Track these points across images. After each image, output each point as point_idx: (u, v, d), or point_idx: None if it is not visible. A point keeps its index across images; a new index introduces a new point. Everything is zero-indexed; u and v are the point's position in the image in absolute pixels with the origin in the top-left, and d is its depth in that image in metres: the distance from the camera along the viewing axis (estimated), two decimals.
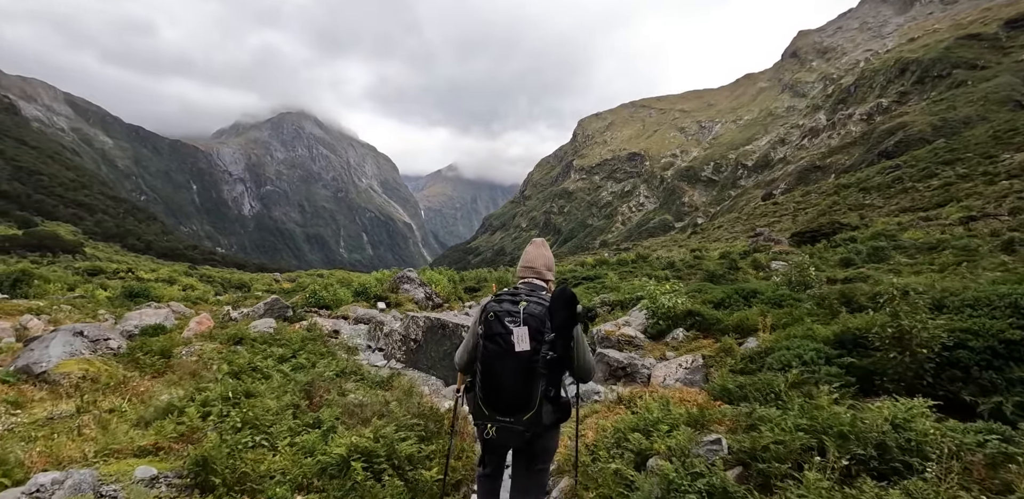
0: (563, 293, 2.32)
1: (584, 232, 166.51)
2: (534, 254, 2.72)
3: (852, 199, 39.20)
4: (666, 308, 7.55)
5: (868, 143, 79.21)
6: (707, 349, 6.36)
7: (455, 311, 14.67)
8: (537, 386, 2.24)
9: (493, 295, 2.50)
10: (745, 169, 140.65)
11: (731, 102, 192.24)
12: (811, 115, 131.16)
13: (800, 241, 19.61)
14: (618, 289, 12.28)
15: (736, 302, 8.27)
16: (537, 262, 2.67)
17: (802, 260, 9.97)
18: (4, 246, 58.09)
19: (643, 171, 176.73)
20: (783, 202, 55.20)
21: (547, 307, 2.33)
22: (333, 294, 12.43)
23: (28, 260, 49.86)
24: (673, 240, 59.95)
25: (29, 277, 13.13)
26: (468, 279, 22.35)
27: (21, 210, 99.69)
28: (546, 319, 2.28)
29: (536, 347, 2.22)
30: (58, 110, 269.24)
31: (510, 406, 2.26)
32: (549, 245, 2.95)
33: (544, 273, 2.66)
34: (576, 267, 22.48)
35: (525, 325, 2.24)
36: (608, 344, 7.26)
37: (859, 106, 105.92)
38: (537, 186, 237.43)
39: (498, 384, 2.26)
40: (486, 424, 2.33)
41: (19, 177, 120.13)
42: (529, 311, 2.29)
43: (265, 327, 7.88)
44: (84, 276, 23.62)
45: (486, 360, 2.29)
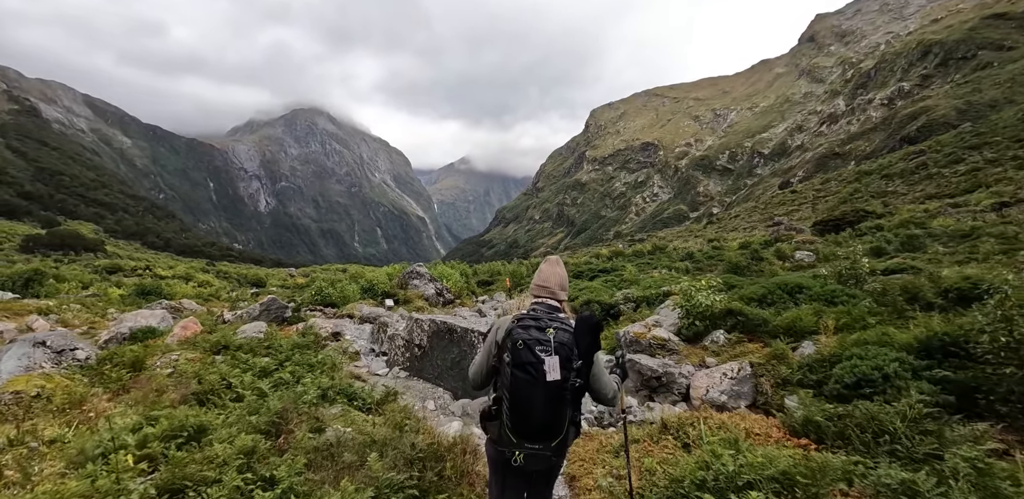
0: (589, 320, 2.36)
1: (598, 223, 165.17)
2: (548, 273, 2.65)
3: (874, 186, 37.90)
4: (703, 307, 6.61)
5: (889, 129, 76.94)
6: (754, 355, 5.58)
7: (467, 308, 14.28)
8: (566, 413, 2.28)
9: (514, 319, 2.42)
10: (761, 157, 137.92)
11: (746, 89, 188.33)
12: (829, 101, 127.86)
13: (823, 230, 18.82)
14: (638, 282, 11.75)
15: (780, 299, 7.32)
16: (552, 281, 2.61)
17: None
18: (28, 245, 59.41)
19: (657, 161, 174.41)
20: (801, 190, 53.77)
21: (572, 333, 2.32)
22: (340, 291, 11.90)
23: (51, 259, 50.85)
24: (689, 231, 58.91)
25: (42, 276, 13.08)
26: (481, 272, 22.03)
27: (44, 210, 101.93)
28: (574, 347, 2.28)
29: (566, 376, 2.22)
30: (78, 111, 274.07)
31: (541, 434, 2.26)
32: (561, 236, 2.56)
33: (559, 293, 2.61)
34: (591, 259, 21.92)
35: (556, 354, 2.23)
36: (638, 348, 6.37)
37: (879, 91, 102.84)
38: (550, 178, 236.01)
39: (528, 413, 2.24)
40: (513, 451, 2.31)
41: (41, 178, 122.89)
42: (559, 340, 2.27)
43: (255, 332, 7.21)
44: (103, 274, 23.80)
45: (516, 389, 2.25)
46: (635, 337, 6.38)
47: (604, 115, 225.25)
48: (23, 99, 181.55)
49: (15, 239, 62.35)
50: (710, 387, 5.02)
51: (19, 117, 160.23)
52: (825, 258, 12.30)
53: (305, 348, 6.62)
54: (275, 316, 9.18)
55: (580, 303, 9.68)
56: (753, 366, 5.19)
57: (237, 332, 7.20)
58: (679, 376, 5.42)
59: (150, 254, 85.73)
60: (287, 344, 6.58)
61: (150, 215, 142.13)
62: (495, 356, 2.43)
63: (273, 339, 6.88)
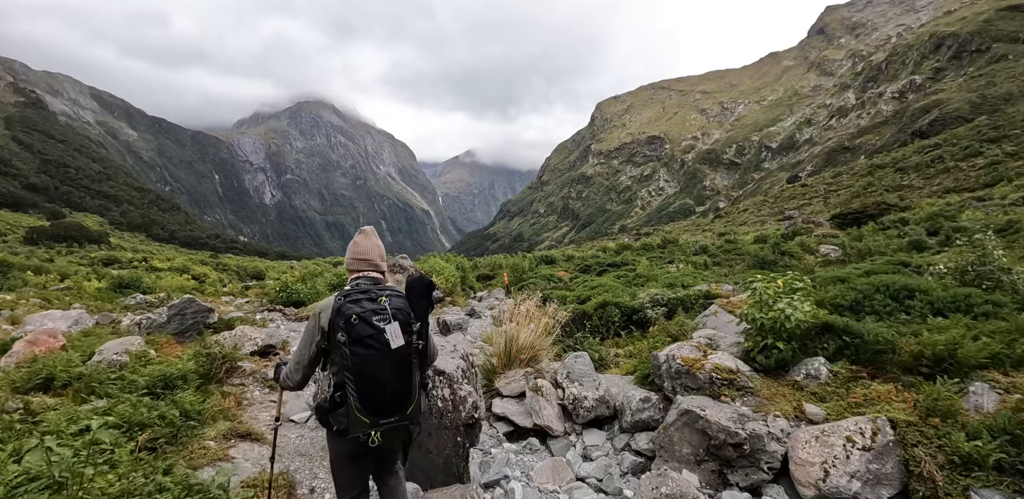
0: (421, 280, 2.40)
1: (603, 217, 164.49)
2: (367, 245, 2.53)
3: (888, 180, 37.32)
4: (789, 321, 4.23)
5: (901, 122, 75.88)
6: (889, 404, 3.47)
7: (458, 307, 12.89)
8: (415, 378, 2.27)
9: (338, 296, 2.28)
10: (769, 151, 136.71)
11: (754, 82, 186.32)
12: (839, 94, 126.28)
13: (842, 223, 18.36)
14: (656, 278, 10.65)
15: (883, 307, 5.05)
16: (372, 253, 2.52)
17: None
18: (32, 237, 59.66)
19: (663, 155, 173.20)
20: (812, 184, 53.10)
21: (405, 298, 2.33)
22: (311, 287, 10.72)
23: (55, 251, 50.96)
24: (696, 225, 58.43)
25: (8, 268, 12.63)
26: (482, 266, 21.53)
27: (50, 202, 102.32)
28: (410, 311, 2.29)
29: (408, 339, 2.21)
30: (84, 104, 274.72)
31: (395, 405, 2.21)
32: (566, 230, 2.32)
33: (380, 264, 2.54)
34: (598, 253, 21.46)
35: (395, 320, 2.20)
36: (692, 384, 4.05)
37: (891, 84, 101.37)
38: (555, 171, 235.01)
39: (381, 387, 2.16)
40: (368, 433, 2.19)
41: (47, 170, 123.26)
42: (395, 306, 2.24)
43: (116, 353, 4.99)
44: (98, 266, 23.57)
45: (360, 365, 2.13)
46: (686, 366, 4.08)
47: (610, 108, 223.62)
48: (29, 91, 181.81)
49: (20, 231, 62.58)
50: (827, 463, 3.11)
51: (25, 109, 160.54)
52: (859, 253, 11.48)
53: (166, 391, 4.18)
54: (191, 324, 6.78)
55: (594, 305, 7.83)
56: (896, 426, 3.23)
57: (99, 350, 5.08)
58: (769, 439, 3.38)
59: (155, 246, 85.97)
60: (143, 381, 4.14)
61: (155, 207, 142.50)
62: (321, 342, 2.29)
63: (138, 367, 4.57)
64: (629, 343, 6.58)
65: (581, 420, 4.28)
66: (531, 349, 5.09)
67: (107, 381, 4.20)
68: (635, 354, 5.74)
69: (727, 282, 9.31)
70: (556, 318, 5.75)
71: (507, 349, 5.06)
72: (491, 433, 4.35)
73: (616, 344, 6.82)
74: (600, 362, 5.69)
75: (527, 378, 4.71)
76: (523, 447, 4.15)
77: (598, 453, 3.94)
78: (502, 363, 5.06)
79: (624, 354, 6.06)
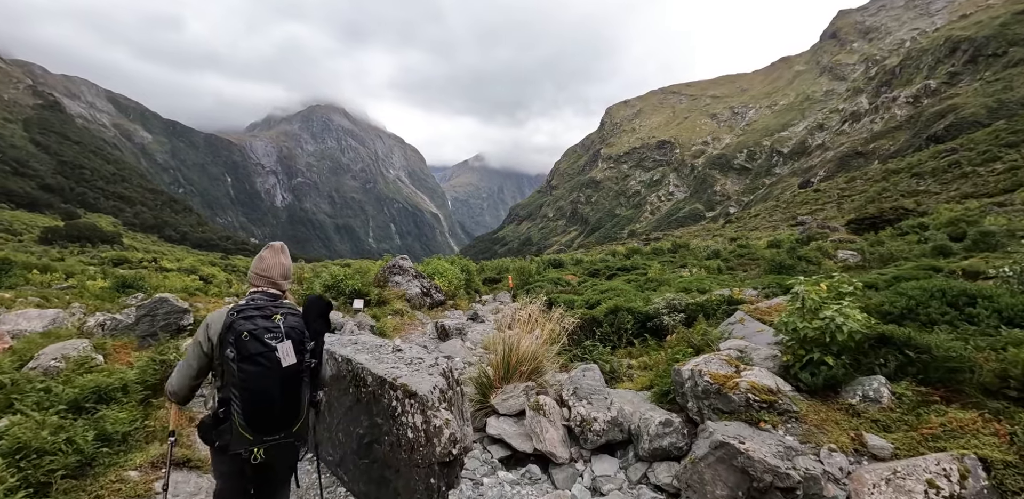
0: (319, 302, 2.41)
1: (612, 222, 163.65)
2: (271, 262, 2.49)
3: (904, 185, 36.61)
4: (842, 331, 3.43)
5: (915, 127, 74.92)
6: (976, 436, 2.79)
7: (460, 310, 12.29)
8: (304, 396, 2.26)
9: (232, 311, 2.23)
10: (780, 156, 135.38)
11: (766, 87, 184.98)
12: (852, 99, 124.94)
13: (858, 228, 17.87)
14: (669, 283, 10.17)
15: (942, 315, 4.36)
16: (274, 271, 2.47)
17: None
18: (47, 237, 60.42)
19: (673, 159, 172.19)
20: (825, 189, 52.32)
21: (301, 317, 2.32)
22: (306, 289, 10.39)
23: (68, 250, 51.45)
24: (706, 230, 57.75)
25: (9, 266, 12.53)
26: (488, 269, 21.17)
27: (65, 202, 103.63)
28: (305, 330, 2.27)
29: (300, 358, 2.20)
30: (100, 107, 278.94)
31: (281, 422, 2.18)
32: (575, 234, 2.03)
33: (281, 283, 2.49)
34: (607, 257, 21.05)
35: (288, 339, 2.17)
36: (723, 406, 3.35)
37: (905, 88, 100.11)
38: (564, 175, 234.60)
39: (268, 404, 2.13)
40: (251, 450, 2.15)
41: (63, 171, 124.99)
42: (290, 324, 2.22)
43: (55, 359, 4.40)
44: (109, 265, 23.56)
45: (247, 382, 2.09)
46: (716, 384, 3.37)
47: (620, 113, 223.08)
48: (47, 94, 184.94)
49: (35, 230, 63.34)
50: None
51: (43, 111, 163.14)
52: (881, 259, 10.95)
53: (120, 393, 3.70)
54: (163, 325, 6.26)
55: (605, 311, 7.20)
56: (989, 467, 2.55)
57: (38, 355, 4.52)
58: (826, 481, 2.68)
59: (167, 247, 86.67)
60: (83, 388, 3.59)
61: (168, 209, 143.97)
62: (208, 356, 2.25)
63: (74, 375, 3.95)
64: (644, 353, 6.04)
65: (590, 445, 3.64)
66: (533, 359, 4.48)
67: (31, 392, 3.59)
68: (651, 366, 5.22)
69: (746, 286, 8.83)
70: (563, 324, 5.13)
71: (506, 359, 4.44)
72: (484, 458, 3.76)
73: (629, 354, 6.26)
74: (611, 375, 5.13)
75: (527, 394, 4.10)
76: (521, 476, 3.56)
77: (610, 486, 3.34)
78: (500, 375, 4.46)
79: (638, 366, 5.51)
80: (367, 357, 3.62)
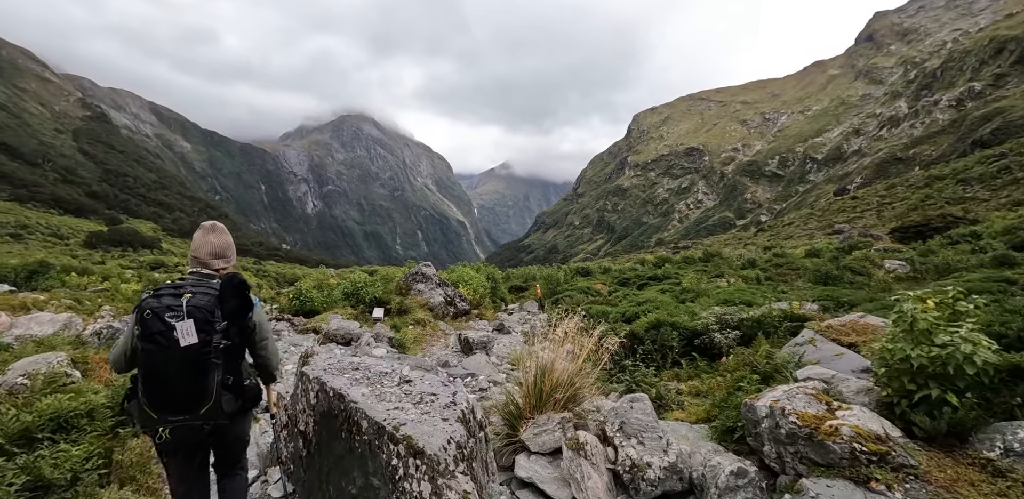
0: (232, 279, 2.30)
1: (639, 230, 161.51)
2: (200, 242, 2.45)
3: (949, 192, 34.80)
4: (969, 361, 2.67)
5: (959, 131, 71.72)
6: None
7: (486, 321, 11.68)
8: (212, 377, 2.16)
9: (148, 289, 2.35)
10: (814, 163, 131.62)
11: (798, 92, 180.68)
12: (890, 103, 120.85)
13: (903, 237, 16.81)
14: (707, 293, 9.48)
15: None
16: (202, 251, 2.43)
17: None
18: (91, 241, 62.97)
19: (702, 166, 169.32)
20: (863, 197, 50.30)
21: (216, 296, 2.23)
22: (326, 295, 9.91)
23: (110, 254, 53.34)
24: (737, 238, 56.19)
25: (47, 269, 12.86)
26: (515, 277, 20.79)
27: (109, 208, 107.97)
28: (215, 309, 2.20)
29: (206, 339, 2.13)
30: (144, 118, 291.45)
31: (183, 403, 2.13)
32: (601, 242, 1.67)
33: (211, 262, 2.43)
34: (636, 265, 20.38)
35: (191, 318, 2.12)
36: (818, 456, 2.62)
37: (947, 91, 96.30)
38: (591, 183, 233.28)
39: (164, 384, 2.09)
40: (157, 428, 2.14)
41: (108, 179, 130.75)
42: (193, 303, 2.16)
43: (22, 375, 3.87)
44: (146, 269, 24.18)
45: (145, 361, 2.10)
46: (806, 428, 2.68)
47: (647, 120, 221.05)
48: (95, 106, 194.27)
49: (80, 235, 66.02)
50: None
51: (91, 123, 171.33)
52: (936, 270, 10.04)
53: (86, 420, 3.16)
54: None
55: (645, 326, 6.42)
56: None
57: (7, 370, 4.01)
58: None
59: None
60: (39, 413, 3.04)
61: (205, 215, 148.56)
62: (136, 337, 2.20)
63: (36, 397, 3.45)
64: (693, 375, 5.36)
65: (642, 497, 2.92)
66: (570, 385, 3.85)
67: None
68: (704, 392, 4.58)
69: (792, 298, 8.12)
70: (604, 343, 4.32)
71: (537, 384, 3.80)
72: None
73: (676, 377, 5.56)
74: (658, 401, 4.49)
75: (564, 427, 3.44)
76: None
77: None
78: (530, 403, 3.80)
79: (688, 391, 4.88)
80: (365, 392, 2.88)
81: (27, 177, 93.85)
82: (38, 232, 62.95)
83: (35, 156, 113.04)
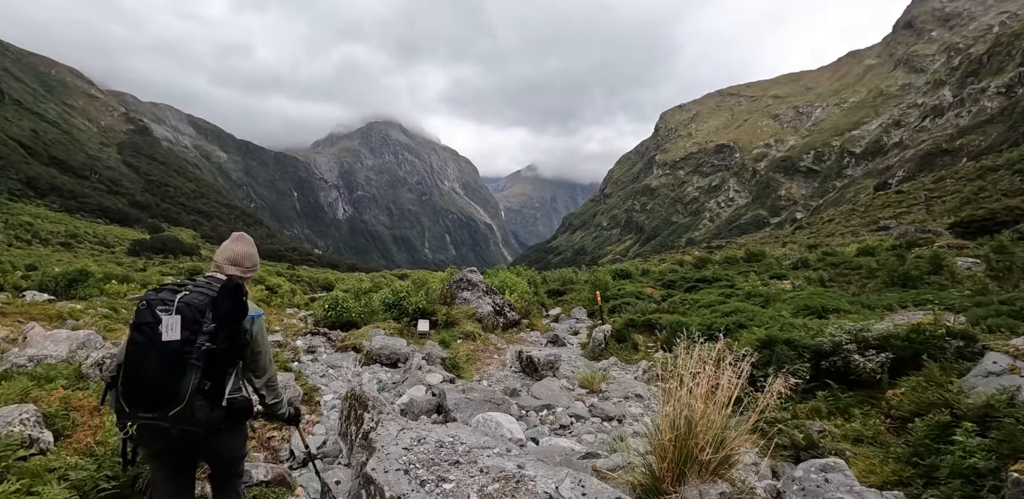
0: (228, 282, 2.26)
1: (668, 230, 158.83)
2: (223, 248, 2.51)
3: (1005, 183, 32.92)
4: None
5: (1010, 120, 68.16)
6: None
7: (538, 332, 10.73)
8: (187, 379, 2.05)
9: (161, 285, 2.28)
10: (852, 157, 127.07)
11: (833, 84, 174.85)
12: (932, 92, 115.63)
13: (965, 232, 15.81)
14: (777, 298, 8.49)
15: None
16: (221, 256, 2.47)
17: None
18: (135, 249, 65.65)
19: (732, 164, 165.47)
20: (909, 190, 48.15)
21: (212, 297, 2.17)
22: (364, 305, 8.79)
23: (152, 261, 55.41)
24: (773, 236, 54.57)
25: (87, 277, 13.01)
26: (551, 280, 20.41)
27: (151, 217, 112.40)
28: (207, 309, 2.13)
29: (190, 338, 2.05)
30: (183, 130, 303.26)
31: (152, 400, 2.06)
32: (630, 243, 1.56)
33: (224, 267, 2.45)
34: (675, 266, 19.79)
35: (178, 314, 2.07)
36: None
37: (995, 78, 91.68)
38: (618, 183, 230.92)
39: (137, 376, 2.06)
40: (125, 423, 2.09)
41: (150, 189, 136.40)
42: (186, 300, 2.11)
43: None
44: (185, 275, 24.94)
45: (129, 351, 2.09)
46: None
47: (675, 117, 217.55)
48: (137, 120, 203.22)
49: (125, 243, 68.88)
50: None
51: (134, 136, 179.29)
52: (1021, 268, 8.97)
53: None
54: None
55: (755, 342, 5.38)
56: None
57: None
58: None
59: None
60: None
61: (241, 222, 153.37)
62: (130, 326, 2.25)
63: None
64: (835, 410, 4.34)
65: None
66: (717, 444, 2.65)
67: None
68: (868, 438, 3.67)
69: (887, 301, 7.23)
70: (740, 374, 2.93)
71: (679, 443, 2.67)
72: None
73: (816, 412, 4.43)
74: (810, 451, 3.58)
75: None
76: None
77: None
78: (671, 470, 2.68)
79: (842, 435, 3.89)
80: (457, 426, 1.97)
81: (76, 189, 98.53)
82: (86, 241, 65.99)
83: (83, 169, 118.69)
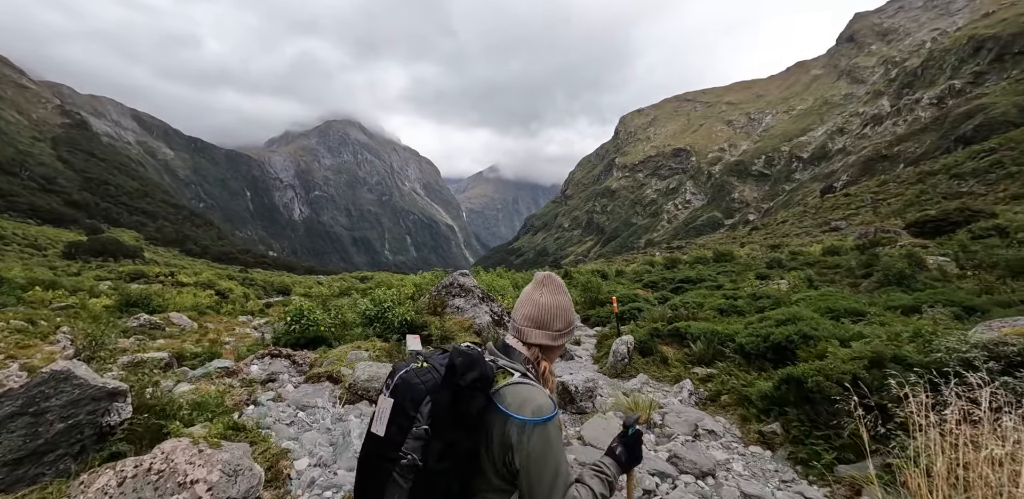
0: (459, 356, 1.28)
1: (628, 231, 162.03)
2: (523, 299, 1.50)
3: (944, 187, 34.96)
4: None
5: (942, 128, 72.71)
6: None
7: None
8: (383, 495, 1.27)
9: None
10: (800, 161, 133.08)
11: (782, 92, 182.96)
12: (872, 102, 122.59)
13: (921, 232, 16.49)
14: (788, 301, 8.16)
15: None
16: (519, 312, 1.49)
17: None
18: (70, 252, 61.08)
19: (689, 167, 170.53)
20: (856, 194, 50.58)
21: (438, 379, 1.33)
22: (334, 317, 7.03)
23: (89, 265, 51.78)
24: (730, 237, 56.19)
25: (1, 282, 11.64)
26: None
27: (90, 218, 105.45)
28: (424, 397, 1.29)
29: (396, 438, 1.27)
30: (125, 125, 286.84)
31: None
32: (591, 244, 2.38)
33: (525, 332, 1.46)
34: (647, 267, 19.74)
35: (391, 397, 1.33)
36: None
37: (928, 90, 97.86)
38: (579, 185, 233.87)
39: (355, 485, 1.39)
40: None
41: (89, 187, 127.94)
42: (406, 376, 1.33)
43: None
44: (125, 279, 23.20)
45: None
46: None
47: (634, 121, 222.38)
48: (74, 113, 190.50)
49: (59, 246, 64.11)
50: None
51: (70, 130, 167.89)
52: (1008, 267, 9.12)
53: None
54: (64, 431, 2.67)
55: (859, 363, 4.03)
56: None
57: None
58: None
59: (187, 260, 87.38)
60: None
61: (189, 223, 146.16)
62: None
63: None
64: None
65: None
66: None
67: None
68: None
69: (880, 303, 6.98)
70: None
71: None
72: None
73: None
74: None
75: None
76: None
77: None
78: None
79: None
80: None
81: (3, 187, 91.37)
82: (14, 243, 61.02)
83: (12, 165, 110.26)
